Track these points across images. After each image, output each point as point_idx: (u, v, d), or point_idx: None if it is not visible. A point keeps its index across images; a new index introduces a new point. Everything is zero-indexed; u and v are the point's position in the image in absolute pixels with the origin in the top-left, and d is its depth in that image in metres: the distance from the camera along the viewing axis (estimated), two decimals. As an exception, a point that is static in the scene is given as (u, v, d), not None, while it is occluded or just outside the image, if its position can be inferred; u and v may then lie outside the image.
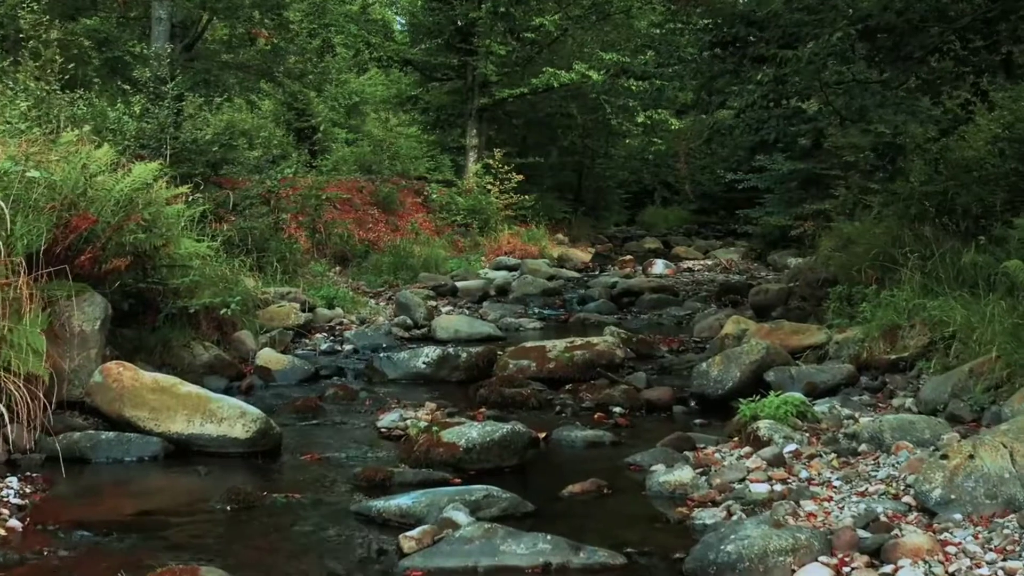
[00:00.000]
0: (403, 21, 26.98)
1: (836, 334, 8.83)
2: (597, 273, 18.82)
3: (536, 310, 13.47)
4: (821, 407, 6.31)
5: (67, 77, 11.90)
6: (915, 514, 4.40)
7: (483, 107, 23.73)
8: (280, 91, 22.09)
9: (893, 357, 7.96)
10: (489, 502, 4.59)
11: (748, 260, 21.54)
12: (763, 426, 5.58)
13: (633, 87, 22.00)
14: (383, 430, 6.43)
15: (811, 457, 5.30)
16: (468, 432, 5.46)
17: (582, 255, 21.53)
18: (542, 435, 6.21)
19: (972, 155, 10.65)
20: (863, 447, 5.41)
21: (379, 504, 4.61)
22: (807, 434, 5.71)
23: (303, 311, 10.55)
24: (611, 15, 22.53)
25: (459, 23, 22.85)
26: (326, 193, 15.66)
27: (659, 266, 19.31)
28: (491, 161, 21.91)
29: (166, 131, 11.72)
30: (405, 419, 6.53)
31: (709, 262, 21.42)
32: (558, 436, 6.25)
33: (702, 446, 5.77)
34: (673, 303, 14.08)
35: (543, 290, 15.13)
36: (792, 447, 5.40)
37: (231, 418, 5.87)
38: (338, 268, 14.59)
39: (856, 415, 6.33)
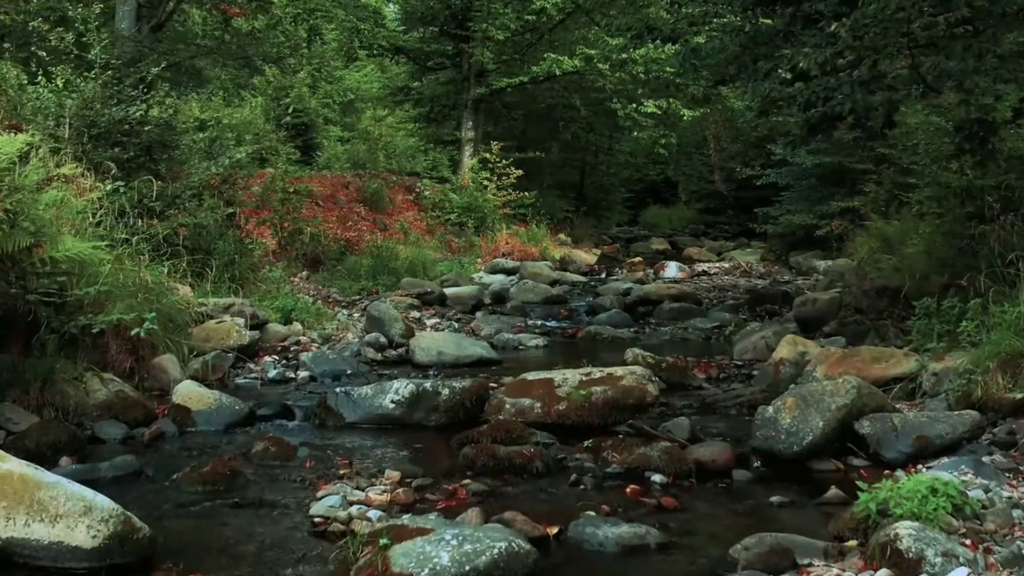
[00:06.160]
0: (396, 11, 25.02)
1: (931, 362, 6.81)
2: (604, 277, 16.86)
3: (538, 322, 11.43)
4: (974, 491, 4.22)
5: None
6: None
7: (479, 98, 22.05)
8: (269, 86, 20.18)
9: (1018, 396, 5.97)
10: None
11: (767, 262, 19.71)
12: (906, 535, 3.51)
13: (642, 75, 20.05)
14: (317, 521, 4.31)
15: (999, 596, 3.25)
16: (435, 554, 3.33)
17: (587, 257, 19.61)
18: (552, 531, 4.15)
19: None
20: (1074, 573, 3.37)
21: None
22: (968, 542, 3.65)
23: (250, 327, 8.48)
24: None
25: (454, 6, 20.90)
26: (294, 186, 13.56)
27: (672, 269, 17.48)
28: (488, 155, 19.98)
29: (91, 107, 9.66)
30: (350, 501, 4.46)
31: (725, 264, 19.59)
32: (578, 534, 4.13)
33: (806, 562, 3.70)
34: (697, 313, 12.11)
35: (545, 297, 13.13)
36: (961, 573, 3.34)
37: (71, 515, 3.78)
38: (305, 273, 12.51)
39: (1014, 497, 4.29)
